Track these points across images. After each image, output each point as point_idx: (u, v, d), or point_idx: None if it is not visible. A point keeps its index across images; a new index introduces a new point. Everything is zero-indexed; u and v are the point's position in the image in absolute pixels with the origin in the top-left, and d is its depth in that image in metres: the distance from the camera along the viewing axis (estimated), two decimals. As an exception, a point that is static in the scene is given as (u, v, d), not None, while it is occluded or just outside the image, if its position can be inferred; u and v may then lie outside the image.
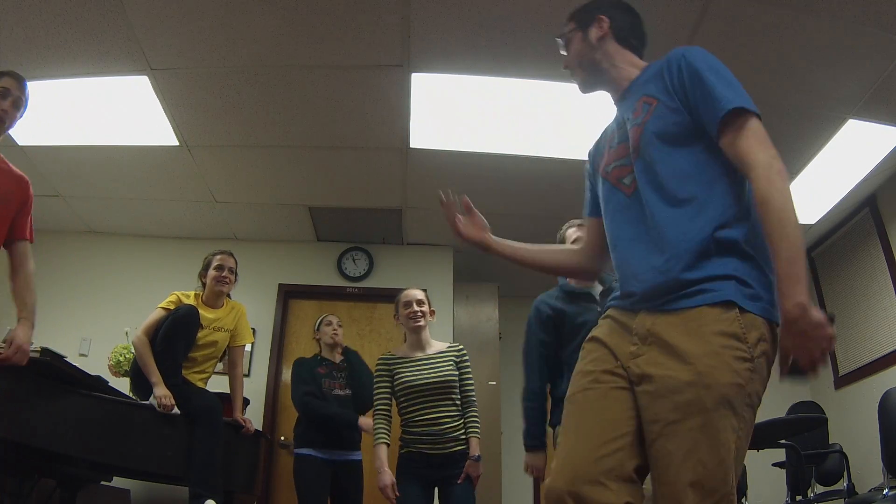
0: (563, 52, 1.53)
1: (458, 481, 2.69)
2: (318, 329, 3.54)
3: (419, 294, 2.91)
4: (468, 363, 2.88)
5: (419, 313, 2.84)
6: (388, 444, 2.72)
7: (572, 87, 1.56)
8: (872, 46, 2.89)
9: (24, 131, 3.68)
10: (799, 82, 3.15)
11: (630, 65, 1.43)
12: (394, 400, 2.83)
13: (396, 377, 2.79)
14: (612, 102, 1.48)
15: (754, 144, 1.17)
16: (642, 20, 1.50)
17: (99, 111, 3.50)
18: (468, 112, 3.50)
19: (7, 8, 2.78)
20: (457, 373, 2.81)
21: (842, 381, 4.69)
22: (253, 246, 4.95)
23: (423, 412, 2.73)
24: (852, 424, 4.36)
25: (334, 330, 3.48)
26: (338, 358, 3.47)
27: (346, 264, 5.00)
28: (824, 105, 3.32)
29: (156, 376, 2.90)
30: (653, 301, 1.21)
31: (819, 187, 4.03)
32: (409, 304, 2.86)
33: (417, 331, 2.85)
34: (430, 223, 4.75)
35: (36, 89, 3.30)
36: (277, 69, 3.18)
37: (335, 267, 4.99)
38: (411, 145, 3.77)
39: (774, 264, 1.12)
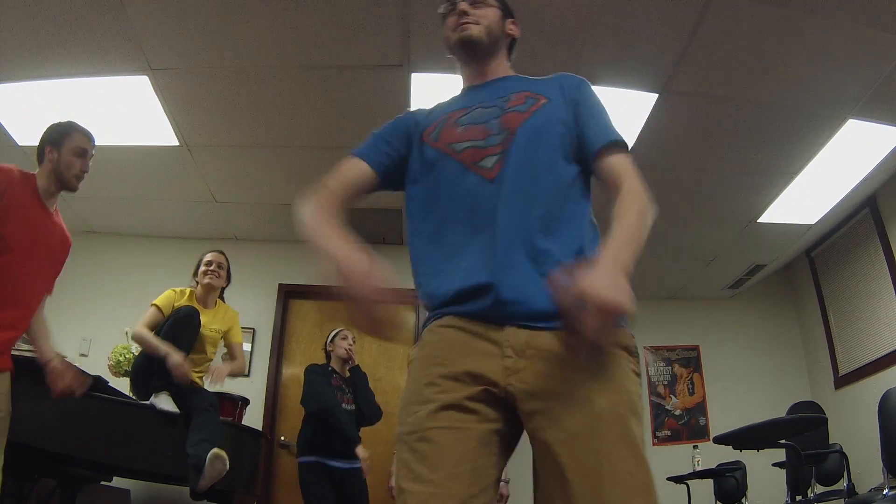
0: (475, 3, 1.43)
1: None
2: (331, 341, 3.56)
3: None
4: None
5: None
6: None
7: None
8: (872, 46, 2.89)
9: (24, 131, 3.68)
10: (799, 82, 3.15)
11: (504, 67, 1.50)
12: None
13: None
14: (464, 85, 1.49)
15: (634, 174, 1.23)
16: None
17: (99, 111, 3.50)
18: (468, 112, 3.49)
19: (7, 8, 2.77)
20: None
21: (842, 381, 4.69)
22: (253, 246, 4.96)
23: None
24: (852, 424, 4.37)
25: (349, 345, 3.51)
26: (346, 373, 3.49)
27: (346, 264, 5.00)
28: (824, 105, 3.32)
29: (165, 348, 2.89)
30: (533, 321, 1.09)
31: (819, 187, 4.03)
32: None
33: None
34: (430, 223, 4.75)
35: (36, 89, 3.33)
36: (278, 69, 3.18)
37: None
38: (411, 145, 3.77)
39: (612, 235, 1.09)
